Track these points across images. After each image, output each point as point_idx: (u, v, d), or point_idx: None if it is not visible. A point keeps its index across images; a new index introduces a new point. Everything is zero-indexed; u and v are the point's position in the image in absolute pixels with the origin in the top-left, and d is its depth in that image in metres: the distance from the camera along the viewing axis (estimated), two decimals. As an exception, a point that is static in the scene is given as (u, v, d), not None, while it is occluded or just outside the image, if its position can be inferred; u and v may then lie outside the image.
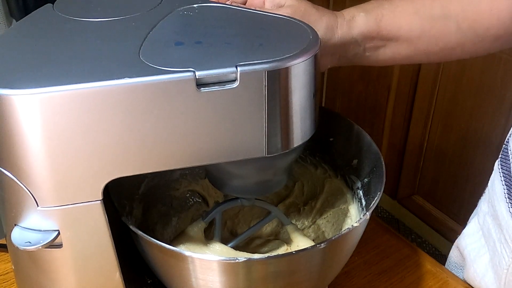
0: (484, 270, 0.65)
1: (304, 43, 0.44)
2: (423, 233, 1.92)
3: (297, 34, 0.46)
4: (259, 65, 0.40)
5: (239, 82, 0.40)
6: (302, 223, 0.67)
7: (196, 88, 0.40)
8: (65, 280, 0.48)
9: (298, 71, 0.42)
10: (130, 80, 0.39)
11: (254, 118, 0.42)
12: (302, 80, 0.43)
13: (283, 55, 0.42)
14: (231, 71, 0.40)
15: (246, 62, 0.40)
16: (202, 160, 0.44)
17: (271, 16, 0.49)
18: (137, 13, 0.49)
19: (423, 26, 0.54)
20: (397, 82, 1.78)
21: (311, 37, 0.45)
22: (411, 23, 0.54)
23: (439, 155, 1.73)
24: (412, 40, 0.55)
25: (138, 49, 0.42)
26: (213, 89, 0.40)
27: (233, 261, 0.45)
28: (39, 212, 0.43)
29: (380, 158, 0.55)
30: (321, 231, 0.65)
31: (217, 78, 0.40)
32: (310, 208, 0.67)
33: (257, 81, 0.41)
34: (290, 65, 0.41)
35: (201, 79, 0.40)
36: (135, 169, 0.43)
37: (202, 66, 0.40)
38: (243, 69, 0.40)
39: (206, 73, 0.40)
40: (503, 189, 0.60)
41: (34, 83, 0.39)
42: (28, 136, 0.40)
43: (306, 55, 0.42)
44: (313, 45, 0.44)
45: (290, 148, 0.45)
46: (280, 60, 0.41)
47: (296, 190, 0.69)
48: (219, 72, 0.40)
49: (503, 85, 1.45)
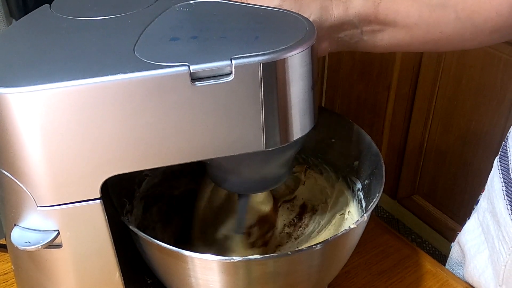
0: (483, 266, 0.65)
1: (300, 35, 0.43)
2: (423, 233, 1.92)
3: (293, 26, 0.45)
4: (254, 57, 0.40)
5: (234, 75, 0.40)
6: (318, 223, 0.67)
7: (191, 82, 0.40)
8: (65, 280, 0.48)
9: (294, 63, 0.42)
10: (124, 75, 0.39)
11: (251, 112, 0.42)
12: (299, 72, 0.43)
13: (278, 47, 0.41)
14: (226, 64, 0.40)
15: (241, 55, 0.40)
16: (199, 155, 0.43)
17: (268, 9, 0.48)
18: (133, 11, 0.48)
19: (421, 12, 0.54)
20: (397, 82, 1.78)
21: (307, 28, 0.44)
22: (409, 8, 0.54)
23: (439, 155, 1.73)
24: (409, 26, 0.55)
25: (133, 45, 0.42)
26: (208, 83, 0.40)
27: (232, 261, 0.45)
28: (39, 212, 0.43)
29: (380, 160, 0.55)
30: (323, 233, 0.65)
31: (212, 72, 0.40)
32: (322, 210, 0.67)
33: (253, 73, 0.40)
34: (286, 57, 0.41)
35: (195, 73, 0.39)
36: (132, 166, 0.43)
37: (197, 60, 0.40)
38: (238, 62, 0.40)
39: (200, 67, 0.39)
40: (502, 186, 0.60)
41: (29, 81, 0.39)
42: (24, 134, 0.40)
43: (302, 46, 0.42)
44: (309, 36, 0.43)
45: (289, 142, 0.45)
46: (276, 52, 0.41)
47: (299, 192, 0.69)
48: (214, 66, 0.40)
49: (503, 85, 1.45)
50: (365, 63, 1.88)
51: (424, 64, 1.67)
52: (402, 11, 0.54)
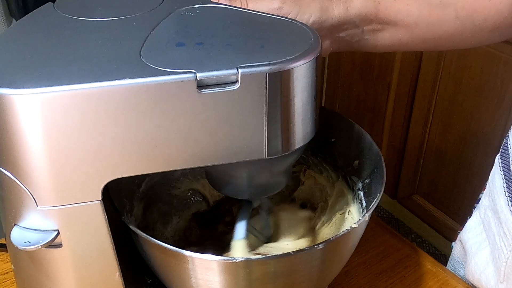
0: (485, 264, 0.65)
1: (306, 45, 0.43)
2: (423, 233, 1.93)
3: (298, 36, 0.46)
4: (260, 67, 0.40)
5: (240, 84, 0.40)
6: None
7: (197, 89, 0.40)
8: (65, 280, 0.48)
9: (299, 74, 0.42)
10: (130, 81, 0.39)
11: (254, 120, 0.42)
12: (303, 83, 0.43)
13: (284, 57, 0.41)
14: (232, 73, 0.40)
15: (247, 64, 0.40)
16: (202, 162, 0.43)
17: (273, 17, 0.49)
18: (138, 13, 0.48)
19: (421, 11, 0.54)
20: (397, 82, 1.78)
21: (312, 39, 0.45)
22: (410, 8, 0.54)
23: (439, 155, 1.73)
24: (410, 25, 0.55)
25: (139, 50, 0.42)
26: (214, 91, 0.40)
27: (232, 261, 0.45)
28: (39, 212, 0.43)
29: (381, 159, 0.55)
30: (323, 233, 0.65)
31: (218, 80, 0.40)
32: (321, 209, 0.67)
33: (258, 83, 0.41)
34: (291, 68, 0.41)
35: (202, 80, 0.40)
36: (135, 170, 0.43)
37: (203, 67, 0.40)
38: (244, 71, 0.40)
39: (207, 75, 0.40)
40: (503, 183, 0.61)
41: (34, 83, 0.39)
42: (28, 136, 0.40)
43: (307, 57, 0.42)
44: (314, 48, 0.43)
45: (290, 150, 0.45)
46: (282, 63, 0.41)
47: (299, 191, 0.69)
48: (220, 74, 0.40)
49: (503, 85, 1.45)
50: (365, 63, 1.88)
51: (424, 64, 1.67)
52: (403, 10, 0.54)
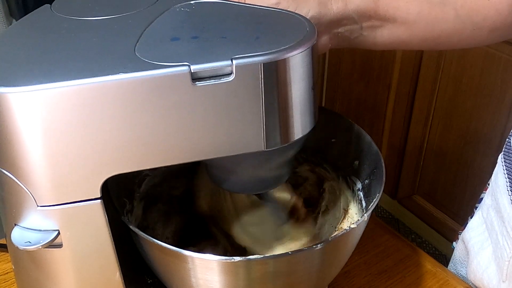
0: (487, 263, 0.65)
1: (301, 35, 0.43)
2: (423, 233, 1.93)
3: (293, 27, 0.45)
4: (254, 57, 0.40)
5: (235, 75, 0.40)
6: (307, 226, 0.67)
7: (192, 82, 0.40)
8: (65, 280, 0.48)
9: (295, 63, 0.42)
10: (125, 75, 0.39)
11: (251, 112, 0.42)
12: (300, 72, 0.43)
13: (279, 47, 0.41)
14: (227, 64, 0.40)
15: (241, 55, 0.40)
16: (200, 155, 0.43)
17: (268, 9, 0.48)
18: (134, 11, 0.49)
19: (421, 9, 0.54)
20: (397, 82, 1.78)
21: (308, 29, 0.44)
22: (409, 5, 0.54)
23: (439, 155, 1.73)
24: (409, 22, 0.55)
25: (133, 45, 0.42)
26: (208, 83, 0.40)
27: (232, 261, 0.45)
28: (39, 212, 0.43)
29: (380, 160, 0.55)
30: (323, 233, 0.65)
31: (213, 72, 0.40)
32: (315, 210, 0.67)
33: (253, 74, 0.40)
34: (286, 57, 0.41)
35: (196, 73, 0.39)
36: (132, 166, 0.43)
37: (197, 60, 0.40)
38: (239, 62, 0.40)
39: (201, 67, 0.39)
40: (506, 182, 0.61)
41: (30, 80, 0.39)
42: (24, 133, 0.40)
43: (303, 46, 0.42)
44: (310, 37, 0.43)
45: (289, 142, 0.45)
46: (276, 52, 0.41)
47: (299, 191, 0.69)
48: (214, 66, 0.40)
49: (503, 85, 1.45)
50: (365, 63, 1.88)
51: (424, 64, 1.67)
52: (402, 7, 0.54)
